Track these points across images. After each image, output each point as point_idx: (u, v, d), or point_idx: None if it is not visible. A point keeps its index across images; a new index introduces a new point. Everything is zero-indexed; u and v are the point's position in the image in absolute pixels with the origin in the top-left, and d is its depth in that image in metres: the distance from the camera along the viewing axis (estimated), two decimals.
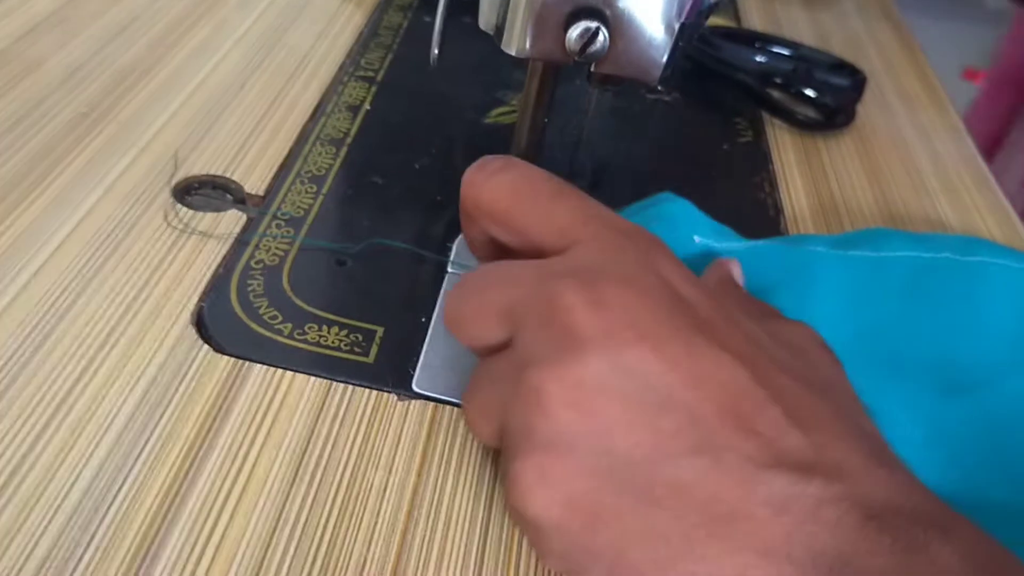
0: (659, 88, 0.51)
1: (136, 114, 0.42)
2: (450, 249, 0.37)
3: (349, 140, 0.43)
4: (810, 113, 0.50)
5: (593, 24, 0.30)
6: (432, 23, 0.34)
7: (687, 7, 0.30)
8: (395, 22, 0.54)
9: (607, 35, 0.30)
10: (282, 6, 0.54)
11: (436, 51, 0.34)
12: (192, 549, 0.26)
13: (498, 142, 0.45)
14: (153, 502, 0.27)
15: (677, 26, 0.30)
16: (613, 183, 0.44)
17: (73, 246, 0.35)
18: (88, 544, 0.25)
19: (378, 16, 0.55)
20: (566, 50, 0.30)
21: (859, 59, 0.56)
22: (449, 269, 0.36)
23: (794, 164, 0.47)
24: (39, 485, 0.26)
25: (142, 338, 0.31)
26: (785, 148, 0.48)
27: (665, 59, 0.31)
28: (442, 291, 0.35)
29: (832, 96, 0.51)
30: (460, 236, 0.38)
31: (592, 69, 0.31)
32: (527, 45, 0.31)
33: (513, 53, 0.31)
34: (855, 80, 0.54)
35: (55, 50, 0.46)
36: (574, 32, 0.30)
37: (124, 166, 0.39)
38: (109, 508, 0.26)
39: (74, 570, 0.25)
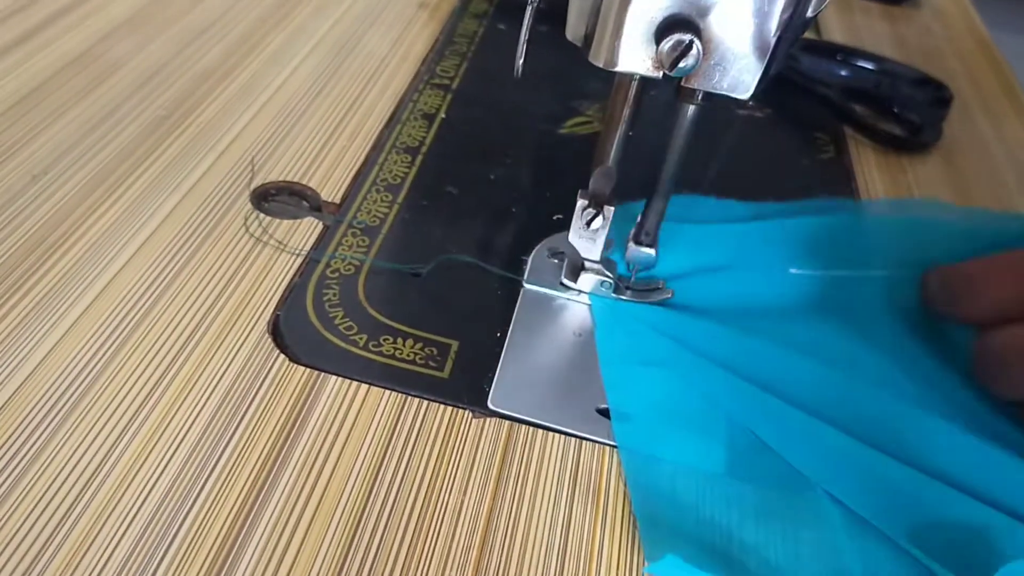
0: (749, 103, 0.49)
1: (215, 118, 0.42)
2: (525, 262, 0.37)
3: (424, 149, 0.43)
4: (895, 130, 0.48)
5: (686, 37, 0.29)
6: (507, 31, 0.33)
7: (784, 22, 0.29)
8: (470, 29, 0.54)
9: (700, 49, 0.29)
10: (358, 12, 0.53)
11: (520, 62, 0.33)
12: (267, 566, 0.25)
13: (573, 152, 0.44)
14: (228, 515, 0.26)
15: (773, 41, 0.29)
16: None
17: (152, 249, 0.35)
18: (163, 557, 0.25)
19: (453, 23, 0.54)
20: (657, 63, 0.29)
21: (942, 72, 0.54)
22: (524, 284, 0.36)
23: (878, 181, 0.46)
24: (115, 493, 0.26)
25: (219, 345, 0.31)
26: (869, 165, 0.47)
27: (759, 75, 0.30)
28: (517, 306, 0.35)
29: (917, 112, 0.50)
30: (536, 249, 0.37)
31: (682, 83, 0.30)
32: (616, 58, 0.30)
33: (601, 65, 0.30)
34: (941, 96, 0.52)
35: (134, 53, 0.46)
36: (666, 45, 0.29)
37: (203, 170, 0.39)
38: (184, 520, 0.26)
39: None
